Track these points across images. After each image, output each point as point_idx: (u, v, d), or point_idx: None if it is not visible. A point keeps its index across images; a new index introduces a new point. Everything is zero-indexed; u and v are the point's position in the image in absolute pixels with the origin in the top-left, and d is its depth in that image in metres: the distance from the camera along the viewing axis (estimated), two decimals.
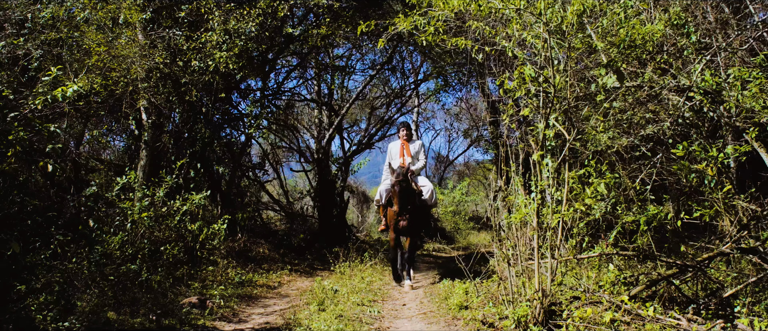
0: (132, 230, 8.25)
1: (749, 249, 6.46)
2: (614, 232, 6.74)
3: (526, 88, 6.24)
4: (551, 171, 6.34)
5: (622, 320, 5.72)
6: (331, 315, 6.77)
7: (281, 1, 11.25)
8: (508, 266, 6.43)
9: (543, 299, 5.85)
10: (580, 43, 6.64)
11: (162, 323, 6.81)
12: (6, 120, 5.70)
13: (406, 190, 9.62)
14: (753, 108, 6.35)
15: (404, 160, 10.32)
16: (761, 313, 5.97)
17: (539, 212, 6.16)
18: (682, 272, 6.52)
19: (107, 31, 10.52)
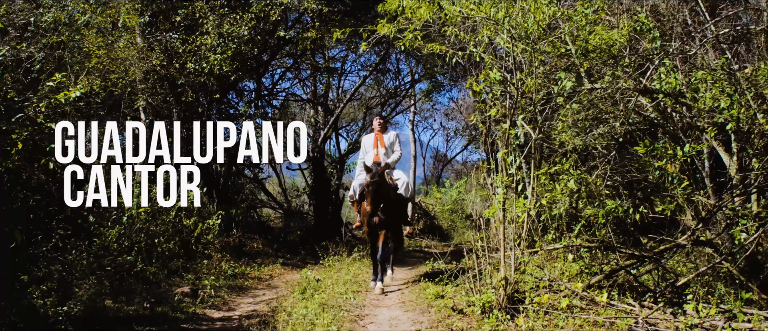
0: (128, 224, 8.73)
1: (702, 241, 6.93)
2: (578, 226, 7.18)
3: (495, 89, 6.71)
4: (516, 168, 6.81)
5: (578, 305, 6.19)
6: (314, 303, 7.22)
7: (273, 6, 11.73)
8: (476, 258, 6.91)
9: (506, 287, 6.31)
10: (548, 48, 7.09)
11: (155, 310, 7.27)
12: (10, 121, 6.13)
13: (379, 190, 9.14)
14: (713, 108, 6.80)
15: (378, 152, 9.95)
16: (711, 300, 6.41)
17: (504, 207, 6.62)
18: (639, 263, 6.98)
19: (107, 34, 10.98)
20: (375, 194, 9.06)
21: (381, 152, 9.94)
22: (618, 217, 7.33)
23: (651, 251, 6.96)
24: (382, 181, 9.19)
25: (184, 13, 11.57)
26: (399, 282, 10.05)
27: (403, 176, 10.00)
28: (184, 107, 12.29)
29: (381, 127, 10.21)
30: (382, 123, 10.27)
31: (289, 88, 18.42)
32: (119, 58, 10.71)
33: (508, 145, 6.62)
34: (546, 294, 6.21)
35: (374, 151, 9.97)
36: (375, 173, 9.08)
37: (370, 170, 9.13)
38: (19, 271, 6.10)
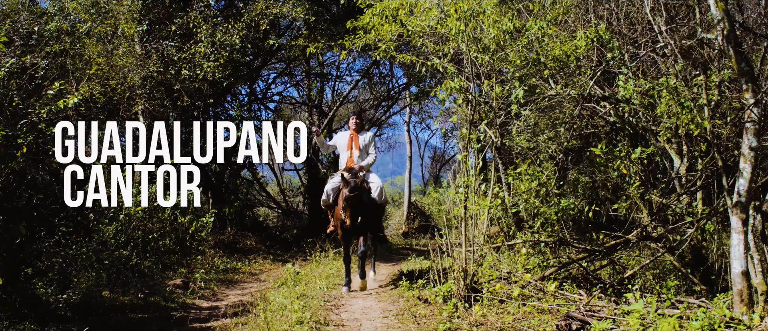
0: (125, 221, 9.37)
1: (648, 237, 7.55)
2: (538, 222, 7.82)
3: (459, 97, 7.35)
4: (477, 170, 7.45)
5: (530, 294, 6.81)
6: (294, 294, 7.85)
7: (263, 16, 12.38)
8: (441, 252, 7.55)
9: (465, 278, 6.94)
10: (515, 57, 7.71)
11: (148, 300, 7.92)
12: (16, 126, 6.76)
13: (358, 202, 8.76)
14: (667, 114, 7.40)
15: (352, 154, 9.45)
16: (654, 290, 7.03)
17: (465, 205, 7.25)
18: (591, 256, 7.61)
19: (107, 42, 11.62)
20: (354, 208, 8.68)
21: (356, 154, 9.45)
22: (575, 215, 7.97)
23: (602, 246, 7.57)
24: (361, 192, 8.82)
25: (179, 23, 12.22)
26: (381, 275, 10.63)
27: (377, 180, 9.49)
28: (180, 111, 12.94)
29: (357, 126, 9.67)
30: (358, 122, 9.74)
31: (283, 91, 19.04)
32: (118, 65, 11.35)
33: (468, 149, 7.24)
34: (499, 284, 6.83)
35: (348, 153, 9.49)
36: (354, 186, 8.68)
37: (347, 183, 8.72)
38: (24, 264, 6.72)
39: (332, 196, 9.48)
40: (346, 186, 8.70)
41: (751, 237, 6.13)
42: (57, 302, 6.64)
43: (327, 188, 9.66)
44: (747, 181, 5.73)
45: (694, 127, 6.43)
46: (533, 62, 7.03)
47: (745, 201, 5.75)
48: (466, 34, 6.86)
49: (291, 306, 6.55)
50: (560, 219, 7.55)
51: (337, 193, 9.29)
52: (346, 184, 8.70)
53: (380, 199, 9.33)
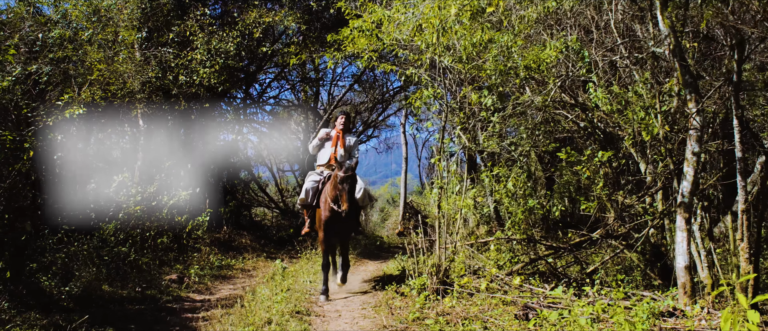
0: (124, 220, 9.93)
1: (610, 234, 8.10)
2: (509, 222, 8.37)
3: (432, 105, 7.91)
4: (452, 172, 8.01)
5: (496, 288, 7.36)
6: (281, 288, 8.40)
7: (256, 25, 12.95)
8: (416, 248, 8.11)
9: (438, 273, 7.50)
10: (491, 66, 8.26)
11: (145, 293, 8.46)
12: (23, 132, 7.31)
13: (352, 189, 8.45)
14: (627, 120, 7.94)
15: (336, 152, 9.13)
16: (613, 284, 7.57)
17: (439, 205, 7.81)
18: (556, 253, 8.16)
19: (107, 49, 12.18)
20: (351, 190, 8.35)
21: (340, 152, 9.17)
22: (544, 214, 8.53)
23: (567, 244, 8.13)
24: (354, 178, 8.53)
25: (177, 31, 12.78)
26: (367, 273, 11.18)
27: (361, 182, 9.00)
28: (178, 115, 13.51)
29: (344, 126, 9.37)
30: (345, 122, 9.40)
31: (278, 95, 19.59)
32: (119, 71, 11.91)
33: (441, 152, 7.80)
34: (467, 278, 7.39)
35: (332, 150, 9.22)
36: (349, 166, 8.32)
37: (342, 165, 8.32)
38: (29, 259, 7.27)
39: (311, 195, 9.04)
40: (340, 168, 8.29)
41: (698, 235, 6.69)
42: (60, 294, 7.18)
43: (305, 186, 9.18)
44: (690, 183, 6.28)
45: (646, 133, 6.95)
46: (501, 72, 7.56)
47: (687, 202, 6.29)
48: (439, 46, 7.40)
49: (274, 298, 7.09)
50: (527, 218, 8.09)
51: (317, 192, 8.99)
52: (340, 166, 8.31)
53: (362, 201, 9.05)
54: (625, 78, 9.18)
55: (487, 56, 7.79)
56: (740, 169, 6.08)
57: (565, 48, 8.21)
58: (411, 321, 6.59)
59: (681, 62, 6.31)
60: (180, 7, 13.07)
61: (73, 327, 5.91)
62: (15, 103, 7.71)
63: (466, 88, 8.48)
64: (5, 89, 7.48)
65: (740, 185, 6.09)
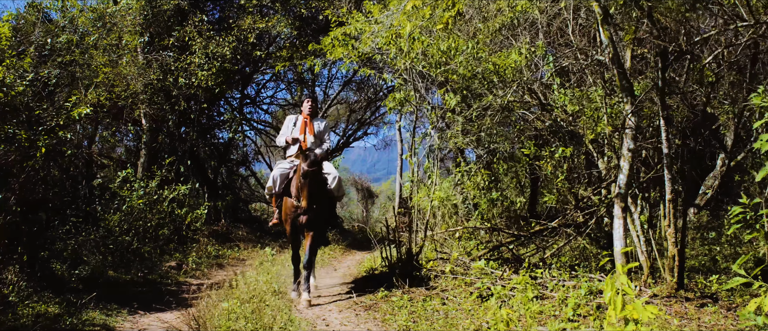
0: (128, 212, 10.79)
1: (567, 224, 8.94)
2: (476, 213, 9.22)
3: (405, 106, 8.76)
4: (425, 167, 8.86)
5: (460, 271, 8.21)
6: (269, 273, 9.24)
7: (250, 31, 13.82)
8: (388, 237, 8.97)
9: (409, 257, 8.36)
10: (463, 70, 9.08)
11: (147, 278, 9.33)
12: (35, 131, 8.12)
13: (317, 180, 7.85)
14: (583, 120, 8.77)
15: (306, 140, 8.61)
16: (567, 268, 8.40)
17: (411, 197, 8.66)
18: (517, 241, 9.00)
19: (112, 53, 13.04)
20: (312, 185, 7.69)
21: (309, 140, 8.66)
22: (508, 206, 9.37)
23: (527, 232, 8.97)
24: (320, 170, 7.97)
25: (176, 36, 13.64)
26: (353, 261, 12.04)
27: (334, 171, 8.63)
28: (179, 115, 14.39)
29: (311, 110, 8.87)
30: (312, 106, 8.90)
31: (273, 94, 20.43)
32: (122, 74, 12.77)
33: (412, 149, 8.65)
34: (434, 262, 8.24)
35: (301, 137, 8.66)
36: (315, 160, 7.70)
37: (307, 156, 7.69)
38: (42, 247, 8.08)
39: (279, 183, 8.47)
40: (304, 160, 7.69)
41: (638, 223, 7.52)
42: (70, 278, 8.03)
43: (273, 174, 8.60)
44: (625, 176, 7.09)
45: (590, 132, 7.79)
46: (465, 77, 8.40)
47: (623, 193, 7.11)
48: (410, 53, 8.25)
49: (258, 278, 7.94)
50: (490, 209, 8.94)
51: (286, 181, 8.44)
52: (306, 158, 7.69)
53: (338, 192, 8.66)
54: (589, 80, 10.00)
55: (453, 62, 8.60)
56: (667, 163, 6.88)
57: (528, 53, 9.03)
58: (379, 299, 7.47)
59: (618, 69, 7.12)
60: (180, 13, 13.95)
61: (82, 303, 6.76)
62: (27, 104, 8.46)
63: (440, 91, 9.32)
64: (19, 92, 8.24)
65: (667, 177, 6.89)
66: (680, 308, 6.33)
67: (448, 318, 6.34)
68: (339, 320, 6.77)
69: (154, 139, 14.25)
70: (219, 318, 5.38)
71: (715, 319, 5.90)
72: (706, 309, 6.24)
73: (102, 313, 6.87)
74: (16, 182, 7.77)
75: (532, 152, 8.86)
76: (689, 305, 6.38)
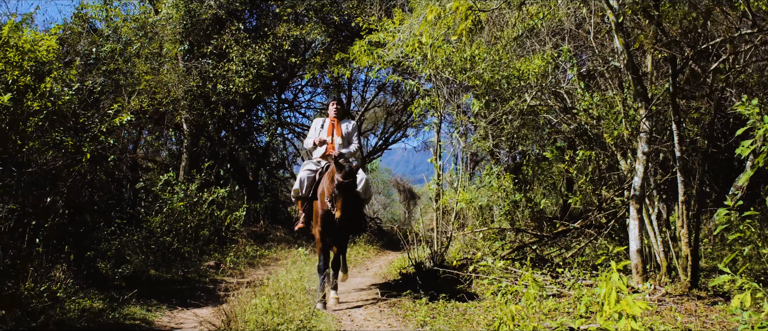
0: (169, 214, 11.29)
1: (589, 225, 9.18)
2: (501, 213, 9.51)
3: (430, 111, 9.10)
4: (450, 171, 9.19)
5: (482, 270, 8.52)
6: (301, 272, 9.64)
7: (285, 38, 14.28)
8: (416, 237, 9.31)
9: (434, 257, 8.69)
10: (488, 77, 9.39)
11: (187, 276, 9.79)
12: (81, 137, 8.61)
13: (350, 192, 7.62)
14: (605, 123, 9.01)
15: (333, 141, 8.55)
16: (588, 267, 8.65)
17: (436, 199, 8.99)
18: (541, 241, 9.27)
19: (153, 61, 13.59)
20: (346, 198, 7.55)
21: (337, 142, 8.59)
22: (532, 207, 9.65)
23: (551, 233, 9.23)
24: (354, 181, 7.69)
25: (214, 44, 14.16)
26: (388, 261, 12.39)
27: (362, 173, 8.41)
28: (218, 120, 14.92)
29: (337, 113, 8.80)
30: (338, 109, 8.84)
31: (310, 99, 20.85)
32: (163, 81, 13.31)
33: (436, 152, 8.98)
34: (457, 261, 8.57)
35: (328, 139, 8.63)
36: (350, 171, 7.54)
37: (341, 167, 7.51)
38: (88, 247, 8.57)
39: (306, 185, 8.37)
40: (339, 171, 7.50)
41: (656, 224, 7.75)
42: (114, 276, 8.52)
43: (300, 175, 8.50)
44: (640, 178, 7.34)
45: (608, 136, 8.03)
46: (488, 83, 8.70)
47: (639, 194, 7.36)
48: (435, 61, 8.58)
49: (288, 276, 8.33)
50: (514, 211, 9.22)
51: (314, 183, 8.35)
52: (340, 168, 7.50)
53: (365, 194, 8.49)
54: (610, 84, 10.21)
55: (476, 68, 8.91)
56: (680, 166, 7.12)
57: (551, 58, 9.29)
58: (404, 296, 7.83)
59: (633, 75, 7.38)
60: (217, 22, 14.47)
61: (124, 299, 7.23)
62: (73, 112, 8.95)
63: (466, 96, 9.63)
64: (65, 101, 8.72)
65: (680, 180, 7.13)
66: (691, 305, 6.57)
67: (465, 315, 6.67)
68: (363, 315, 7.13)
69: (195, 143, 14.80)
70: (248, 313, 5.77)
71: (722, 316, 6.13)
72: (715, 307, 6.47)
73: (142, 308, 7.34)
74: (64, 186, 8.23)
75: (555, 155, 9.11)
76: (700, 303, 6.61)
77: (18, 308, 5.99)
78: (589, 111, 9.05)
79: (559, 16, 9.15)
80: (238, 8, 14.75)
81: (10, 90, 7.16)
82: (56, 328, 5.98)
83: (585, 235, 9.38)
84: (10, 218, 7.06)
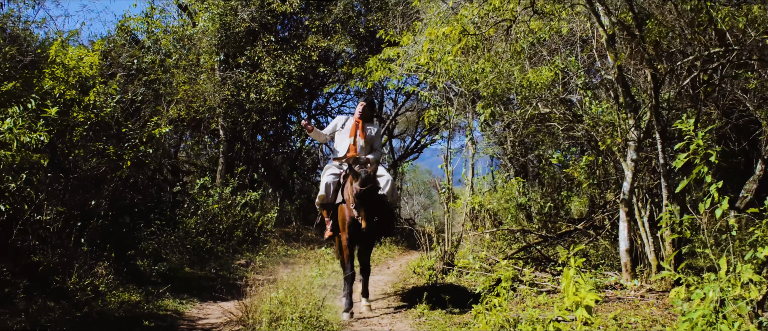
0: (204, 216, 12.12)
1: (592, 226, 9.77)
2: (508, 216, 10.14)
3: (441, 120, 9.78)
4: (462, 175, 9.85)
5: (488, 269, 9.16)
6: (321, 269, 10.37)
7: (313, 49, 15.09)
8: (427, 238, 9.99)
9: (444, 257, 9.37)
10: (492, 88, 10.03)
11: (219, 273, 10.59)
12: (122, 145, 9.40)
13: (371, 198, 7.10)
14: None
15: (355, 143, 7.90)
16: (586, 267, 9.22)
17: (446, 202, 9.66)
18: (545, 242, 9.88)
19: (190, 71, 14.48)
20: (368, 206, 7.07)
21: (359, 144, 7.90)
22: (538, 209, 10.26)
23: (554, 234, 9.84)
24: (375, 187, 7.19)
25: (248, 55, 15.02)
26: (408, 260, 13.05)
27: (386, 174, 7.85)
28: (252, 127, 15.80)
29: (363, 114, 8.09)
30: (364, 110, 8.11)
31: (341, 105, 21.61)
32: (200, 90, 14.20)
33: (447, 159, 9.65)
34: (464, 260, 9.23)
35: (350, 140, 7.94)
36: (367, 178, 7.01)
37: (357, 175, 7.05)
38: (128, 246, 9.36)
39: (332, 191, 7.80)
40: (355, 179, 7.05)
41: (647, 225, 8.31)
42: (151, 273, 9.32)
43: (325, 180, 7.89)
44: (629, 184, 7.93)
45: (601, 143, 8.62)
46: (494, 94, 9.35)
47: (628, 198, 7.94)
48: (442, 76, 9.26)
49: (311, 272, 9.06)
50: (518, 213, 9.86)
51: (339, 187, 7.78)
52: (356, 176, 7.06)
53: (391, 196, 7.83)
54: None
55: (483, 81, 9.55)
56: (663, 172, 7.69)
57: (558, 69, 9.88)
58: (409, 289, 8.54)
59: (622, 86, 7.97)
60: (251, 34, 15.33)
61: (159, 293, 8.06)
62: (116, 120, 9.68)
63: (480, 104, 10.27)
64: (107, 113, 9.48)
65: (663, 185, 7.70)
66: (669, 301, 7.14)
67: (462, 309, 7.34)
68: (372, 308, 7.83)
69: (231, 148, 15.70)
70: (264, 304, 6.50)
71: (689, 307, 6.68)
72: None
73: (175, 301, 8.16)
74: (106, 190, 9.03)
75: (560, 160, 9.71)
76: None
77: (65, 300, 6.81)
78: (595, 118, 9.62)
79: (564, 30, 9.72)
80: (270, 21, 15.58)
81: (58, 103, 7.83)
82: (98, 317, 6.77)
83: (587, 235, 9.94)
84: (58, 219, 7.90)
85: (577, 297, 4.85)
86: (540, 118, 10.20)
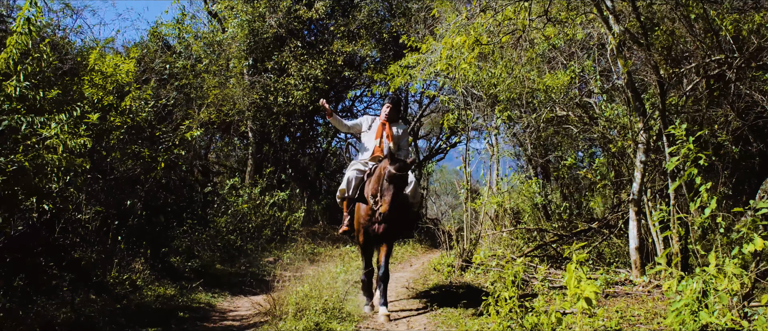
0: (234, 215, 12.62)
1: (606, 225, 10.11)
2: (526, 216, 10.52)
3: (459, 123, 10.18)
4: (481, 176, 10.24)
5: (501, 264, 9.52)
6: (347, 266, 10.81)
7: (338, 54, 15.57)
8: (448, 237, 10.39)
9: (463, 254, 9.77)
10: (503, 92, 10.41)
11: (248, 270, 11.08)
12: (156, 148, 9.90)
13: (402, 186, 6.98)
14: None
15: (380, 144, 7.78)
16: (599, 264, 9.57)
17: (465, 203, 10.06)
18: (560, 240, 10.24)
19: (220, 76, 15.00)
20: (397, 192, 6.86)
21: (386, 145, 7.74)
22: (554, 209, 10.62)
23: (570, 232, 10.20)
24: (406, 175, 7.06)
25: (275, 60, 15.54)
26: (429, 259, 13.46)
27: (411, 175, 7.55)
28: (280, 129, 16.32)
29: (390, 115, 8.02)
30: (390, 112, 8.04)
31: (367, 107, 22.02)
32: (230, 94, 14.72)
33: (466, 160, 10.05)
34: (481, 258, 9.62)
35: (377, 142, 7.83)
36: (404, 164, 6.90)
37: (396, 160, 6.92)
38: (162, 244, 9.85)
39: (353, 186, 7.69)
40: (392, 163, 6.87)
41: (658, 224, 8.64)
42: (184, 269, 9.81)
43: (348, 175, 7.79)
44: (638, 184, 8.29)
45: (612, 146, 8.97)
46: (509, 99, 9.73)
47: (637, 198, 8.30)
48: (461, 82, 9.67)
49: (336, 270, 9.51)
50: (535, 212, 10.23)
51: (361, 184, 7.64)
52: (393, 160, 6.91)
53: (413, 198, 7.77)
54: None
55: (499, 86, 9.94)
56: (670, 172, 8.02)
57: (573, 74, 10.24)
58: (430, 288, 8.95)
59: (632, 92, 8.32)
60: (278, 40, 15.85)
61: (192, 287, 8.56)
62: (150, 124, 10.13)
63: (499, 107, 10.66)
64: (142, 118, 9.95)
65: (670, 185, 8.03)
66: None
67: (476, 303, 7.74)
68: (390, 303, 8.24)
69: (259, 150, 16.25)
70: (291, 297, 6.97)
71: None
72: None
73: (207, 294, 8.67)
74: (141, 190, 9.55)
75: (574, 162, 10.07)
76: None
77: (105, 293, 7.33)
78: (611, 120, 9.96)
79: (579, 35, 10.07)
80: (297, 27, 16.10)
81: (97, 109, 8.29)
82: (136, 309, 7.26)
83: (601, 234, 10.27)
84: (97, 218, 8.42)
85: (578, 290, 5.17)
86: (558, 121, 10.56)
